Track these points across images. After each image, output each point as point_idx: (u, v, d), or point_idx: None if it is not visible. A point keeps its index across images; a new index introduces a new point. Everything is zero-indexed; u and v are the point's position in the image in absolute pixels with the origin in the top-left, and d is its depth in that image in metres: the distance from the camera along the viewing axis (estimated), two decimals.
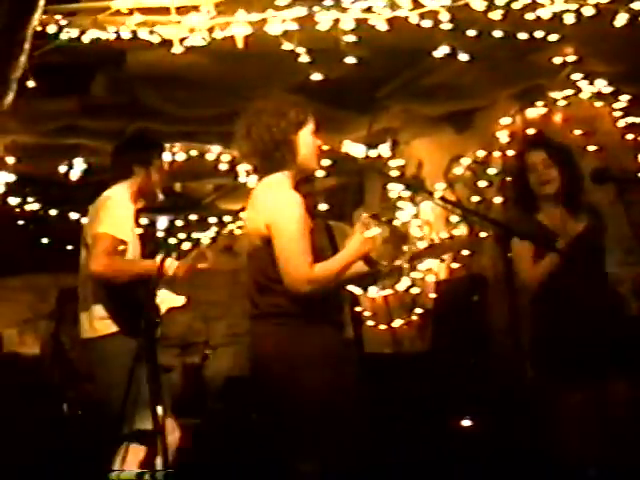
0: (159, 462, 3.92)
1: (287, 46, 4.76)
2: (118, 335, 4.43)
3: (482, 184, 6.79)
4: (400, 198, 7.59)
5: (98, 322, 4.47)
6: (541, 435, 4.39)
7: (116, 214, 4.49)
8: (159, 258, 4.26)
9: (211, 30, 4.73)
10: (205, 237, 9.05)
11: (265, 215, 3.46)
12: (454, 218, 7.04)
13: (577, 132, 6.11)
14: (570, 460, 4.32)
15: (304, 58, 4.89)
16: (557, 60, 5.57)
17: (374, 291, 7.57)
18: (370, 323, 7.80)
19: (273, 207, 3.45)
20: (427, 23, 4.69)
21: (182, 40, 4.77)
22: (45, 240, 8.69)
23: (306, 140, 3.57)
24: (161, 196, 4.84)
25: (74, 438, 6.08)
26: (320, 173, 6.34)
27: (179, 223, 8.60)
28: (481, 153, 6.81)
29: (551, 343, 4.42)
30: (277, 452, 3.52)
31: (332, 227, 5.69)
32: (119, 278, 4.39)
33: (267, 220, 3.44)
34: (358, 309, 7.61)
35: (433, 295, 7.33)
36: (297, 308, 3.43)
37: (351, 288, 5.26)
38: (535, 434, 4.47)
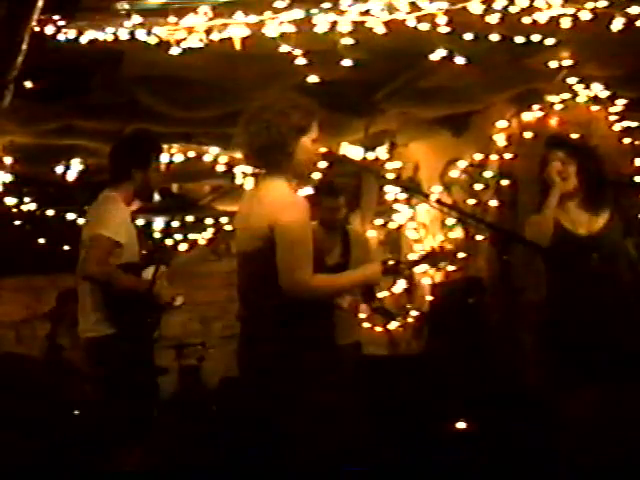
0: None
1: (284, 48, 4.78)
2: (117, 336, 4.44)
3: (478, 187, 6.80)
4: (396, 200, 7.61)
5: (97, 323, 4.48)
6: (542, 437, 4.38)
7: (113, 216, 4.51)
8: (150, 273, 4.32)
9: (209, 32, 4.74)
10: (201, 238, 9.06)
11: (270, 216, 3.42)
12: (450, 221, 7.05)
13: (573, 136, 6.11)
14: (576, 463, 4.30)
15: (301, 60, 4.90)
16: (553, 64, 5.58)
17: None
18: (366, 325, 7.81)
19: (279, 209, 3.43)
20: (424, 26, 4.71)
21: (180, 41, 4.78)
22: (42, 240, 8.69)
23: (305, 147, 3.53)
24: (158, 197, 4.85)
25: (70, 438, 6.07)
26: (316, 175, 6.36)
27: (176, 224, 8.62)
28: (478, 156, 6.82)
29: (561, 344, 4.43)
30: (274, 455, 3.52)
31: (349, 231, 5.83)
32: (111, 286, 4.42)
33: (271, 221, 3.41)
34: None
35: (429, 298, 7.34)
36: (291, 311, 3.43)
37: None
38: (536, 436, 4.47)
